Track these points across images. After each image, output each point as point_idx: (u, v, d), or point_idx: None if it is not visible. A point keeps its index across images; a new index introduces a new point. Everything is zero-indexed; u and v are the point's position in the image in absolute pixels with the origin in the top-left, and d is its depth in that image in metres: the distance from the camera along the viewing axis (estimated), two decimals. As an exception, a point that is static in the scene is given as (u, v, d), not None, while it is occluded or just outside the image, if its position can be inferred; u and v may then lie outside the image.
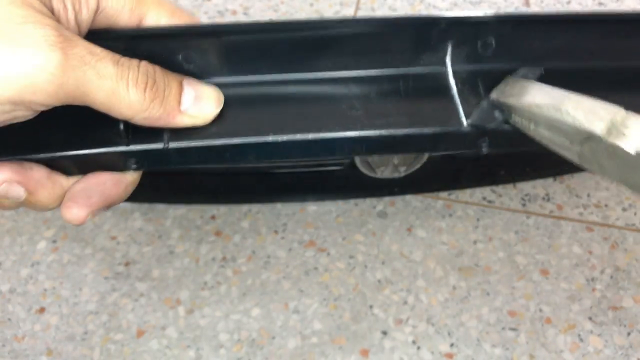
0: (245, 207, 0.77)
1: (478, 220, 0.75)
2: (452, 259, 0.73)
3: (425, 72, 0.30)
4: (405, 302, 0.70)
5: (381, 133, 0.28)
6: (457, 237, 0.74)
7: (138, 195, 0.35)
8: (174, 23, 0.30)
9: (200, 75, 0.29)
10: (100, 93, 0.26)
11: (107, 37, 0.27)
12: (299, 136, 0.28)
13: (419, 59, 0.30)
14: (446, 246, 0.74)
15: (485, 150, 0.30)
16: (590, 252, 0.73)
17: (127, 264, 0.73)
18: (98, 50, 0.26)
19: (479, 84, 0.30)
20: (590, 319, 0.68)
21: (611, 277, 0.71)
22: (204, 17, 0.97)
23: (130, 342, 0.68)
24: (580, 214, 0.76)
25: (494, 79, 0.30)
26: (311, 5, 0.98)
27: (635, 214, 0.75)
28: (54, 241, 0.75)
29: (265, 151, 0.28)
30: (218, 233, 0.75)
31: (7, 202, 0.30)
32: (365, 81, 0.29)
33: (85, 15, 0.27)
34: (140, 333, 0.69)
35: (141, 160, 0.29)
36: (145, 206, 0.78)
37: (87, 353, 0.67)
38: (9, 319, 0.70)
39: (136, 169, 0.30)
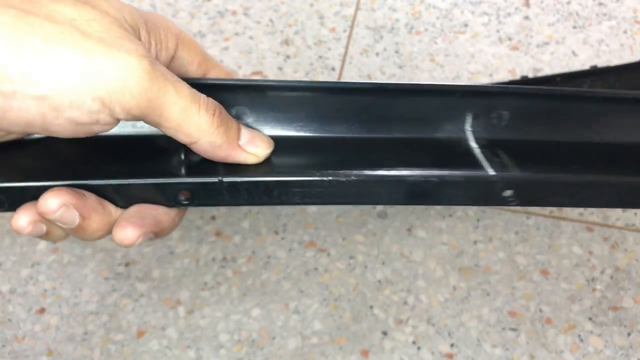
0: (245, 208, 0.77)
1: (478, 220, 0.75)
2: (452, 260, 0.73)
3: (448, 137, 0.33)
4: (406, 303, 0.70)
5: (415, 178, 0.30)
6: (457, 238, 0.74)
7: None
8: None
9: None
10: (175, 108, 0.28)
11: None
12: (342, 177, 0.30)
13: (442, 127, 0.33)
14: (446, 246, 0.74)
15: (513, 201, 0.31)
16: (591, 253, 0.73)
17: (127, 265, 0.73)
18: (174, 75, 0.29)
19: (498, 150, 0.32)
20: (590, 319, 0.68)
21: (611, 277, 0.71)
22: (204, 17, 0.97)
23: (130, 342, 0.68)
24: (581, 214, 0.76)
25: (514, 147, 0.33)
26: (311, 5, 0.98)
27: (635, 214, 0.75)
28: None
29: (311, 190, 0.31)
30: (218, 233, 0.75)
31: (57, 231, 0.31)
32: (401, 142, 0.33)
33: (164, 57, 0.31)
34: (140, 333, 0.69)
35: (194, 194, 0.31)
36: (145, 206, 0.78)
37: (87, 353, 0.67)
38: (9, 320, 0.70)
39: (186, 205, 0.31)
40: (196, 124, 0.29)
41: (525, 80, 0.79)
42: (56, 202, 0.29)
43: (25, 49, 0.26)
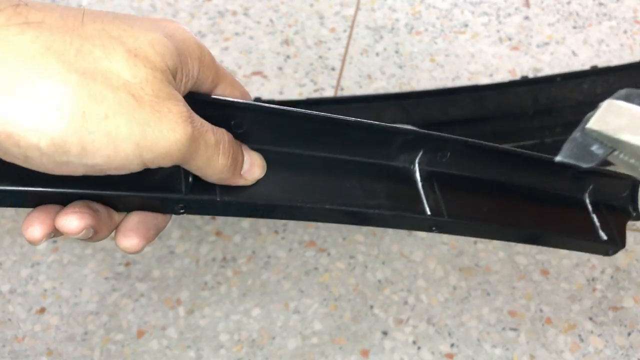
0: (245, 208, 0.77)
1: (478, 220, 0.75)
2: (452, 259, 0.73)
3: (402, 166, 0.41)
4: (406, 302, 0.70)
5: (373, 212, 0.39)
6: (458, 238, 0.74)
7: None
8: (235, 93, 0.36)
9: (244, 139, 0.37)
10: (202, 159, 0.31)
11: (194, 99, 0.33)
12: (318, 205, 0.37)
13: (399, 157, 0.41)
14: (446, 246, 0.74)
15: (435, 231, 0.41)
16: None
17: (127, 265, 0.73)
18: (203, 121, 0.31)
19: (433, 181, 0.42)
20: (590, 319, 0.68)
21: (611, 277, 0.71)
22: (204, 17, 0.97)
23: (130, 342, 0.68)
24: (581, 214, 0.76)
25: (446, 179, 0.42)
26: (311, 5, 0.98)
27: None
28: (55, 241, 0.75)
29: (291, 213, 0.37)
30: (218, 233, 0.75)
31: (62, 235, 0.33)
32: (364, 165, 0.40)
33: (190, 85, 0.32)
34: (140, 333, 0.69)
35: (191, 207, 0.34)
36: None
37: (87, 353, 0.67)
38: (9, 319, 0.70)
39: (182, 213, 0.35)
40: (214, 167, 0.32)
41: (525, 81, 0.79)
42: (80, 224, 0.30)
43: (87, 125, 0.26)
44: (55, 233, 0.31)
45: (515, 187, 0.45)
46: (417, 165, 0.41)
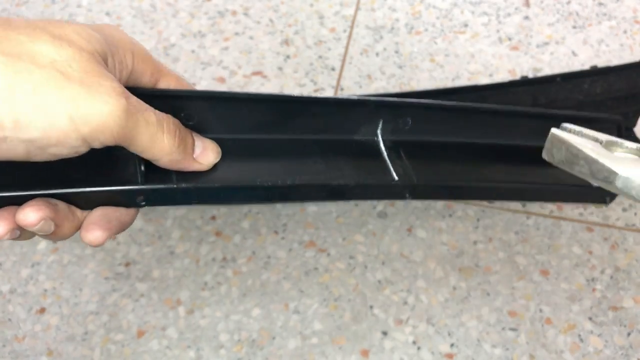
0: (245, 208, 0.78)
1: (478, 220, 0.75)
2: (452, 260, 0.73)
3: (365, 139, 0.40)
4: (406, 303, 0.70)
5: (338, 182, 0.37)
6: (457, 238, 0.74)
7: None
8: (181, 87, 0.37)
9: (199, 131, 0.36)
10: (145, 136, 0.32)
11: (135, 94, 0.33)
12: (279, 182, 0.36)
13: (360, 130, 0.40)
14: (446, 246, 0.74)
15: (409, 198, 0.40)
16: (591, 253, 0.73)
17: (127, 265, 0.73)
18: (143, 102, 0.32)
19: (400, 150, 0.40)
20: (590, 319, 0.68)
21: (611, 277, 0.71)
22: (204, 17, 0.97)
23: (130, 342, 0.68)
24: (581, 214, 0.76)
25: (412, 146, 0.41)
26: (311, 5, 0.98)
27: (635, 214, 0.75)
28: (54, 241, 0.75)
29: (252, 194, 0.36)
30: (218, 233, 0.75)
31: (28, 234, 0.34)
32: (326, 143, 0.39)
33: (124, 75, 0.34)
34: (140, 333, 0.69)
35: (151, 197, 0.34)
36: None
37: (87, 353, 0.67)
38: (10, 320, 0.70)
39: (143, 205, 0.35)
40: (160, 147, 0.33)
41: (525, 81, 0.79)
42: (36, 216, 0.31)
43: (17, 98, 0.27)
44: (20, 231, 0.33)
45: (486, 146, 0.43)
46: (379, 136, 0.41)
